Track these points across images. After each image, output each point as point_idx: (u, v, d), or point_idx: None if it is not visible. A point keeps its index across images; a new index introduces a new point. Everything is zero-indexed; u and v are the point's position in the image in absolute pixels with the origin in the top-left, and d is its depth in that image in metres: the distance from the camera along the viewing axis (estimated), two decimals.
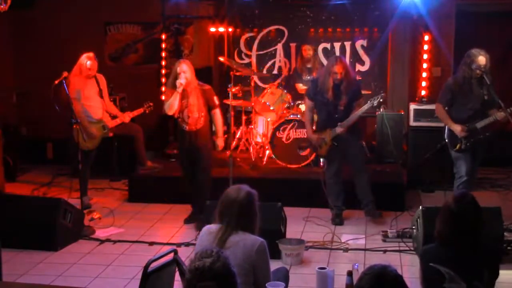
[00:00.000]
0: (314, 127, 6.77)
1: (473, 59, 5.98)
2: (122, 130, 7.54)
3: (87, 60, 7.03)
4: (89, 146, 7.05)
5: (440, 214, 3.38)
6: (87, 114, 7.07)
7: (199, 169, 6.54)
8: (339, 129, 6.49)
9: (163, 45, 9.33)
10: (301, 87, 8.29)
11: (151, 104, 7.56)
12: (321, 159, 7.39)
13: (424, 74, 8.57)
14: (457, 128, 6.09)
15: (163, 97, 7.00)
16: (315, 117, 6.86)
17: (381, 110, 8.16)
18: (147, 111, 7.57)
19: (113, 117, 7.41)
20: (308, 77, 8.20)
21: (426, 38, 8.54)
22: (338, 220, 6.61)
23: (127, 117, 7.44)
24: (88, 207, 6.97)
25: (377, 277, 2.51)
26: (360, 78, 8.18)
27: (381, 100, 6.60)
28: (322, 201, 6.80)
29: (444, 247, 3.29)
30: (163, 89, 9.32)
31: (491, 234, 5.25)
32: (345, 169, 6.76)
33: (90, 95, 7.12)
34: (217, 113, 6.61)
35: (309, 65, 8.31)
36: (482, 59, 5.97)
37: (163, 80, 9.33)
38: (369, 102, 6.55)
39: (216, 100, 6.63)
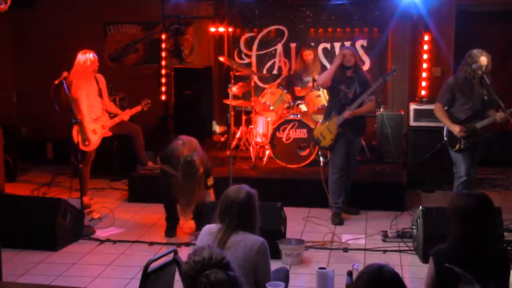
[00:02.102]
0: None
1: (475, 59, 5.98)
2: (121, 130, 7.52)
3: (88, 55, 7.03)
4: (89, 146, 7.05)
5: (458, 214, 3.31)
6: (87, 113, 7.08)
7: None
8: (346, 113, 6.47)
9: (163, 45, 9.34)
10: (299, 89, 8.29)
11: (149, 101, 7.48)
12: (321, 158, 7.40)
13: (424, 74, 8.58)
14: (456, 129, 6.09)
15: (162, 96, 6.89)
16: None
17: (381, 110, 8.17)
18: (145, 109, 7.49)
19: (113, 116, 7.41)
20: (309, 78, 8.21)
21: (426, 38, 8.55)
22: (338, 220, 6.61)
23: (126, 115, 7.40)
24: (88, 207, 6.97)
25: (374, 277, 2.52)
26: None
27: (394, 73, 6.66)
28: (322, 201, 6.81)
29: (458, 245, 3.27)
30: (163, 89, 9.34)
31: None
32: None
33: (89, 95, 7.12)
34: (210, 192, 6.14)
35: (309, 67, 8.31)
36: (483, 60, 5.97)
37: (163, 80, 9.34)
38: (380, 79, 6.59)
39: (210, 180, 6.12)
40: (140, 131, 7.70)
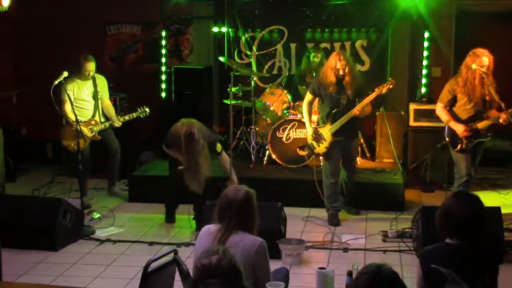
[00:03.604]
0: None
1: (476, 59, 5.98)
2: (106, 138, 7.28)
3: (83, 62, 6.99)
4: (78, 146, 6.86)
5: (443, 215, 3.34)
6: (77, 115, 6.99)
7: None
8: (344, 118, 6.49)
9: (163, 45, 9.34)
10: (304, 89, 8.25)
11: (147, 110, 7.28)
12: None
13: (424, 74, 8.59)
14: (460, 128, 6.08)
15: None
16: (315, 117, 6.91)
17: (381, 110, 8.17)
18: (141, 116, 7.30)
19: (104, 121, 7.29)
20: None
21: (426, 37, 8.55)
22: (335, 221, 6.61)
23: (116, 121, 7.16)
24: (88, 207, 6.96)
25: (373, 276, 2.52)
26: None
27: (391, 86, 6.53)
28: (322, 201, 6.80)
29: (446, 246, 3.28)
30: (163, 86, 9.33)
31: (491, 234, 5.26)
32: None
33: (81, 97, 7.05)
34: (223, 156, 6.68)
35: (311, 70, 8.28)
36: (485, 60, 5.97)
37: (163, 80, 9.34)
38: (376, 89, 6.51)
39: (219, 147, 6.56)
40: (118, 151, 7.40)
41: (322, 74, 6.54)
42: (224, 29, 9.23)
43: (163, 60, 9.37)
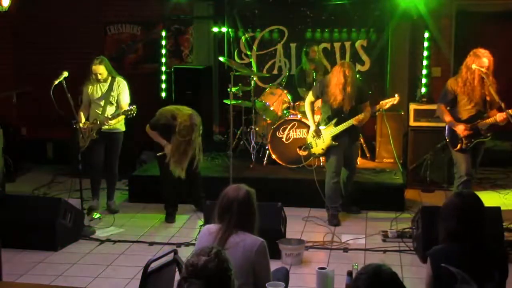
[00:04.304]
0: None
1: (476, 59, 5.98)
2: (111, 146, 7.12)
3: (91, 65, 6.93)
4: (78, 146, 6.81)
5: (452, 213, 3.33)
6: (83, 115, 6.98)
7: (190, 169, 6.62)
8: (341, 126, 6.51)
9: (163, 45, 9.35)
10: (304, 91, 8.21)
11: (133, 107, 6.80)
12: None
13: (424, 74, 8.59)
14: (460, 128, 6.08)
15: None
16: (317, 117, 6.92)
17: (381, 110, 8.15)
18: (128, 115, 6.82)
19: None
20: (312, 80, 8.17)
21: (426, 37, 8.55)
22: (335, 221, 6.62)
23: (106, 121, 6.78)
24: (93, 209, 6.94)
25: (373, 277, 2.52)
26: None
27: (394, 102, 6.70)
28: (322, 201, 6.80)
29: (455, 246, 3.27)
30: (163, 86, 9.34)
31: (491, 234, 5.25)
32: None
33: (92, 98, 7.00)
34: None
35: (313, 67, 8.24)
36: (485, 61, 5.97)
37: (163, 80, 9.35)
38: (381, 102, 6.66)
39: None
40: (113, 173, 7.13)
41: (330, 91, 6.48)
42: (224, 29, 9.24)
43: (163, 60, 9.37)
